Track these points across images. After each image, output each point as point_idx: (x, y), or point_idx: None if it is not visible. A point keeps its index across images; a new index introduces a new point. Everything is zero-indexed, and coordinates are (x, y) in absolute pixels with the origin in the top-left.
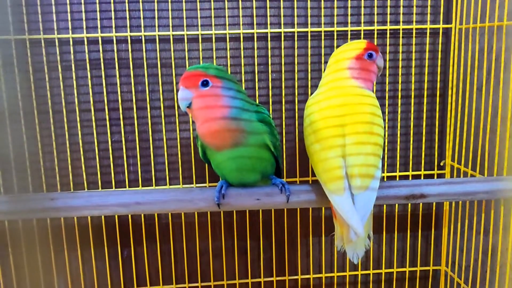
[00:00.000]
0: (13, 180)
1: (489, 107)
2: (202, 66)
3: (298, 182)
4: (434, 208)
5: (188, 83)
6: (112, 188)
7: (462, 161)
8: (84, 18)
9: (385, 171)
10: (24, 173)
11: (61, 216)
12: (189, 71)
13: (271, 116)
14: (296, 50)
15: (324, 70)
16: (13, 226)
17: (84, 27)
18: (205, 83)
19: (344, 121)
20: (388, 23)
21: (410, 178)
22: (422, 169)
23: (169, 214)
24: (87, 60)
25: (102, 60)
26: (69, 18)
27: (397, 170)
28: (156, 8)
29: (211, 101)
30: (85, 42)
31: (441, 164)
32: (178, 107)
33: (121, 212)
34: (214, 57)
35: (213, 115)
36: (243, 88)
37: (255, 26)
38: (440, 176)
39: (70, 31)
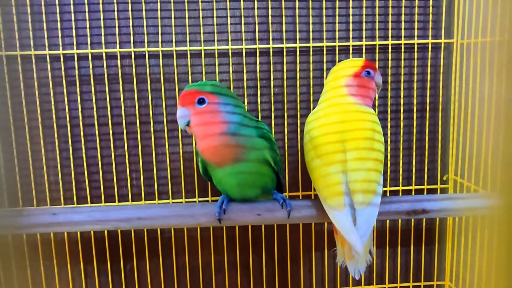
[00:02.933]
0: (17, 194)
1: (491, 121)
2: (198, 84)
3: (300, 197)
4: (437, 223)
5: (185, 102)
6: (115, 202)
7: (465, 175)
8: (88, 34)
9: (388, 186)
10: (28, 187)
11: (63, 230)
12: (186, 90)
13: (271, 131)
14: (298, 65)
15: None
16: (16, 240)
17: (89, 42)
18: (201, 101)
19: (345, 137)
20: (390, 38)
21: (413, 192)
22: (425, 183)
23: (172, 229)
24: (91, 75)
25: (106, 75)
26: (74, 34)
27: (400, 185)
28: (159, 24)
29: (208, 118)
30: (90, 58)
31: (444, 178)
32: None
33: (123, 227)
34: (217, 72)
35: (211, 131)
36: (244, 103)
37: (257, 42)
38: (443, 190)
39: (75, 47)
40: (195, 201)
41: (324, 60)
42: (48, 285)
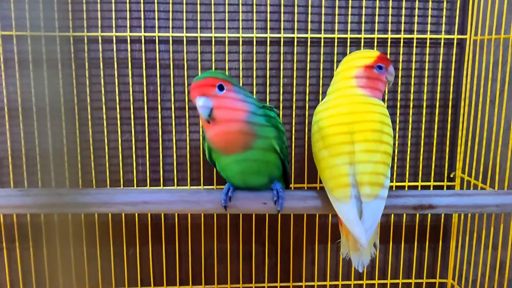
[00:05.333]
0: (23, 175)
1: (502, 120)
2: (210, 72)
3: (306, 188)
4: (442, 220)
5: (206, 90)
6: (120, 186)
7: (472, 173)
8: (99, 17)
9: (394, 181)
10: (34, 168)
11: (67, 212)
12: (202, 79)
13: (278, 116)
14: (308, 56)
15: None
16: (21, 220)
17: (99, 26)
18: (221, 87)
19: (353, 128)
20: (402, 32)
21: (420, 188)
22: (432, 180)
23: (176, 215)
24: (101, 59)
25: (115, 59)
26: (85, 17)
27: (406, 180)
28: (170, 9)
29: (231, 104)
30: (100, 41)
31: (451, 175)
32: (190, 108)
33: (128, 210)
34: (227, 60)
35: (234, 117)
36: (252, 93)
37: (268, 31)
38: (449, 187)
39: (85, 30)
40: (201, 188)
41: (335, 52)
42: (51, 266)
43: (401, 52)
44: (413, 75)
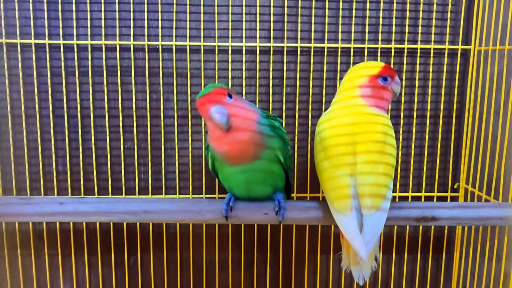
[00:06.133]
0: (26, 182)
1: (506, 130)
2: (214, 84)
3: (308, 198)
4: (446, 232)
5: (218, 99)
6: (122, 194)
7: (476, 184)
8: (103, 26)
9: (397, 191)
10: (36, 175)
11: (69, 221)
12: (209, 91)
13: (282, 126)
14: (312, 65)
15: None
16: (22, 228)
17: (103, 34)
18: (230, 96)
19: (355, 140)
20: (406, 42)
21: (423, 199)
22: (435, 190)
23: (177, 224)
24: (104, 67)
25: (119, 67)
26: (89, 25)
27: (410, 191)
28: (174, 18)
29: (241, 111)
30: (103, 49)
31: (455, 186)
32: (192, 117)
33: (129, 220)
34: (230, 69)
35: (246, 124)
36: (255, 102)
37: (271, 40)
38: (453, 198)
39: (89, 38)
40: (202, 198)
41: (339, 62)
42: (52, 274)
43: (404, 62)
44: (416, 85)
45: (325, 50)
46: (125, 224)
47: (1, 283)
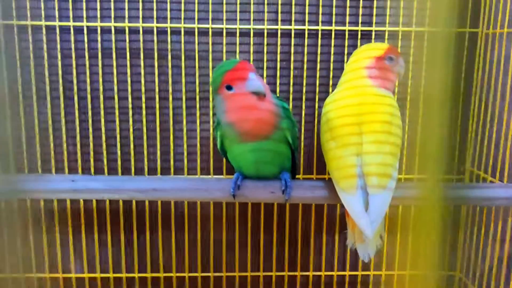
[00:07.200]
0: (37, 161)
1: None
2: (235, 60)
3: (314, 179)
4: (452, 212)
5: (252, 68)
6: (131, 175)
7: (482, 167)
8: (112, 8)
9: (403, 173)
10: (47, 155)
11: (80, 198)
12: (241, 62)
13: (290, 108)
14: (319, 48)
15: None
16: (35, 206)
17: (112, 16)
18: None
19: (362, 120)
20: (414, 25)
21: None
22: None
23: (185, 204)
24: (114, 49)
25: (128, 49)
26: (98, 7)
27: (415, 173)
28: (182, 0)
29: (267, 88)
30: (112, 31)
31: (461, 169)
32: (201, 99)
33: (138, 197)
34: (238, 51)
35: (269, 100)
36: None
37: (279, 22)
38: (459, 181)
39: (99, 20)
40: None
41: (346, 44)
42: (63, 251)
43: (411, 45)
44: (423, 69)
45: (333, 32)
46: (134, 204)
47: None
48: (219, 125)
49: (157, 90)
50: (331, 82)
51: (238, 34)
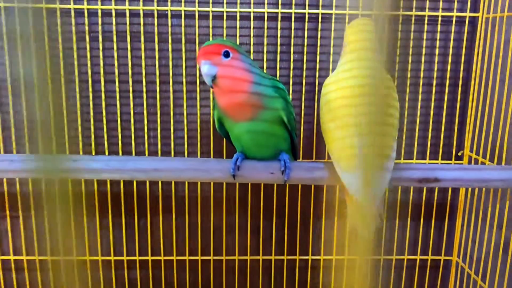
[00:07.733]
0: (38, 142)
1: None
2: (218, 39)
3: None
4: (449, 198)
5: (210, 56)
6: None
7: (480, 152)
8: None
9: (402, 158)
10: (48, 137)
11: (81, 177)
12: (208, 44)
13: (287, 90)
14: (319, 32)
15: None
16: (36, 188)
17: None
18: (226, 54)
19: (359, 101)
20: (414, 9)
21: None
22: (440, 158)
23: (186, 187)
24: (114, 32)
25: (128, 32)
26: None
27: (414, 158)
28: None
29: (235, 72)
30: (113, 14)
31: (459, 154)
32: (201, 83)
33: (139, 177)
34: (238, 35)
35: (237, 87)
36: (263, 68)
37: (279, 6)
38: None
39: (99, 2)
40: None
41: (346, 29)
42: (64, 233)
43: (412, 30)
44: (423, 53)
45: (333, 17)
46: (135, 186)
47: (16, 241)
48: (216, 104)
49: (157, 73)
50: (331, 67)
51: (238, 18)
